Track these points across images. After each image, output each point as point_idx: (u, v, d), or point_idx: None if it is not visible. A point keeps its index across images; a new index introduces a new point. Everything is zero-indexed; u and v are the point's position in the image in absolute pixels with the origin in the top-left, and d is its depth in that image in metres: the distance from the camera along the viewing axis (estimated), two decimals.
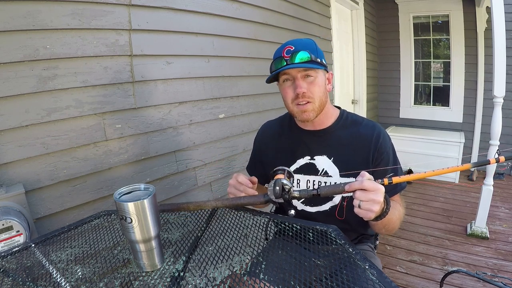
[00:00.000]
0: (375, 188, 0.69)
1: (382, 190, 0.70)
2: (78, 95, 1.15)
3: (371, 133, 0.95)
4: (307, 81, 0.90)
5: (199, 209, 0.86)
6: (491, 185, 2.32)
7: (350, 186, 0.71)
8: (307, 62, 0.87)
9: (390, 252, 2.24)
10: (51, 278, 0.65)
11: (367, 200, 0.69)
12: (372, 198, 0.69)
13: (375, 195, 0.69)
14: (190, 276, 0.65)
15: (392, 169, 0.94)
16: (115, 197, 0.62)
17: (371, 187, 0.69)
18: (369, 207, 0.70)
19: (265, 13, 2.08)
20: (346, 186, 0.72)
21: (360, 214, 0.72)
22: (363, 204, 0.70)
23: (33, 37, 1.02)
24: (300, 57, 0.87)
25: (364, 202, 0.70)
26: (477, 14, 3.65)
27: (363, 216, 0.72)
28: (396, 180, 0.74)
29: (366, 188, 0.69)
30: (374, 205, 0.69)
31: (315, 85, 0.91)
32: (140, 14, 1.33)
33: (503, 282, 1.07)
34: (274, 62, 0.92)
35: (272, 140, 1.09)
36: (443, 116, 4.17)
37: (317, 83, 0.91)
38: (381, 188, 0.70)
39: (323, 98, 0.93)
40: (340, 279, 0.60)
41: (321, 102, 0.93)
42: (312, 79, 0.91)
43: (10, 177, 1.00)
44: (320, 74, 0.92)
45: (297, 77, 0.90)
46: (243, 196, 0.86)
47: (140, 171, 1.37)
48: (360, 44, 3.70)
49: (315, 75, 0.91)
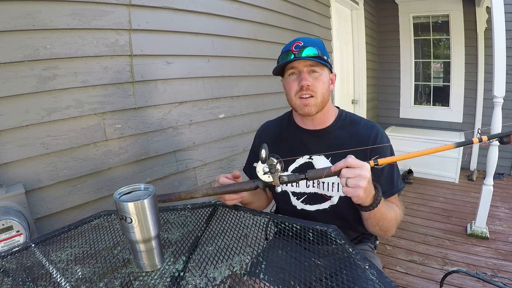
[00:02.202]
0: (360, 164, 0.71)
1: (368, 166, 0.72)
2: (78, 95, 1.15)
3: (369, 133, 0.96)
4: (312, 76, 0.92)
5: (190, 197, 0.87)
6: (491, 185, 2.32)
7: (335, 166, 0.73)
8: (316, 57, 0.89)
9: (390, 252, 2.24)
10: (51, 278, 0.65)
11: (353, 176, 0.71)
12: (358, 173, 0.70)
13: (360, 170, 0.71)
14: (190, 276, 0.65)
15: (390, 169, 0.94)
16: (115, 197, 0.62)
17: (355, 163, 0.71)
18: (356, 183, 0.70)
19: (265, 13, 2.08)
20: (332, 167, 0.74)
21: (348, 193, 0.72)
22: (349, 181, 0.71)
23: (33, 37, 1.02)
24: (308, 52, 0.89)
25: (351, 179, 0.71)
26: (477, 14, 3.65)
27: (352, 195, 0.73)
28: (382, 161, 0.75)
29: (351, 165, 0.71)
30: (361, 180, 0.70)
31: (319, 81, 0.92)
32: (140, 14, 1.33)
33: (503, 282, 1.07)
34: (281, 55, 0.94)
35: (271, 140, 1.09)
36: (443, 116, 4.17)
37: (321, 79, 0.93)
38: (366, 164, 0.72)
39: (325, 96, 0.95)
40: (340, 279, 0.60)
41: (323, 99, 0.94)
42: (317, 75, 0.92)
43: (10, 177, 1.00)
44: (325, 72, 0.94)
45: (303, 71, 0.92)
46: (232, 183, 0.88)
47: (140, 171, 1.37)
48: (360, 44, 3.70)
49: (320, 71, 0.92)
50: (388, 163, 0.76)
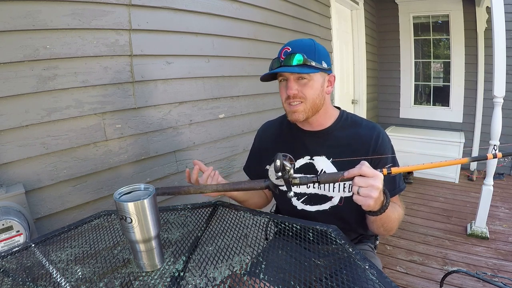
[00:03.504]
0: (374, 174, 0.70)
1: (381, 177, 0.70)
2: (78, 95, 1.15)
3: (370, 134, 0.95)
4: (300, 83, 0.91)
5: (199, 192, 0.89)
6: (491, 185, 2.32)
7: (349, 172, 0.71)
8: (300, 65, 0.88)
9: (390, 252, 2.24)
10: (51, 278, 0.65)
11: (366, 185, 0.69)
12: (371, 184, 0.69)
13: (374, 180, 0.69)
14: (190, 276, 0.65)
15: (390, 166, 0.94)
16: (115, 197, 0.62)
17: (370, 172, 0.69)
18: (368, 193, 0.69)
19: (265, 13, 2.08)
20: (345, 173, 0.72)
21: (358, 201, 0.71)
22: (362, 190, 0.70)
23: (33, 37, 1.02)
24: (294, 60, 0.88)
25: (363, 188, 0.70)
26: (477, 14, 3.65)
27: (362, 204, 0.72)
28: (395, 170, 0.74)
29: (365, 174, 0.69)
30: (373, 191, 0.69)
31: (308, 87, 0.91)
32: (140, 14, 1.33)
33: (503, 282, 1.07)
34: (272, 62, 0.94)
35: (272, 140, 1.09)
36: (443, 116, 4.17)
37: (310, 85, 0.91)
38: (380, 175, 0.70)
39: (316, 101, 0.93)
40: (340, 279, 0.60)
41: (314, 104, 0.93)
42: (305, 82, 0.91)
43: (10, 177, 1.00)
44: (316, 77, 0.92)
45: (289, 79, 0.91)
46: (243, 181, 0.88)
47: (140, 171, 1.37)
48: (360, 44, 3.70)
49: (308, 77, 0.91)
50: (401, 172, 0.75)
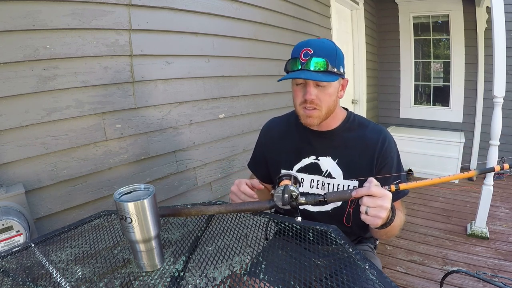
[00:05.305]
0: (383, 194, 0.69)
1: (390, 197, 0.70)
2: (78, 95, 1.15)
3: (376, 137, 0.94)
4: (318, 88, 0.89)
5: (201, 214, 0.84)
6: (491, 185, 2.32)
7: (357, 192, 0.70)
8: (321, 71, 0.85)
9: (390, 252, 2.24)
10: (51, 278, 0.65)
11: (375, 206, 0.69)
12: (379, 204, 0.68)
13: (382, 201, 0.68)
14: (190, 276, 0.65)
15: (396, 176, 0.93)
16: (115, 197, 0.62)
17: (379, 193, 0.68)
18: (377, 214, 0.69)
19: (265, 13, 2.08)
20: (353, 193, 0.71)
21: (367, 221, 0.71)
22: (370, 211, 0.69)
23: (33, 37, 1.02)
24: (316, 65, 0.84)
25: (372, 209, 0.69)
26: (477, 14, 3.65)
27: (370, 223, 0.71)
28: (403, 187, 0.73)
29: (374, 194, 0.68)
30: (382, 211, 0.69)
31: (325, 94, 0.89)
32: (140, 14, 1.33)
33: (503, 282, 1.07)
34: (290, 61, 0.89)
35: (278, 137, 1.08)
36: (443, 116, 4.17)
37: (328, 92, 0.89)
38: (389, 195, 0.70)
39: (331, 107, 0.92)
40: (340, 279, 0.60)
41: (328, 110, 0.92)
42: (324, 88, 0.88)
43: (10, 177, 1.00)
44: (334, 83, 0.90)
45: (309, 83, 0.88)
46: (247, 202, 0.85)
47: (140, 171, 1.37)
48: (360, 44, 3.70)
49: (328, 84, 0.88)
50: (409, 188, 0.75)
